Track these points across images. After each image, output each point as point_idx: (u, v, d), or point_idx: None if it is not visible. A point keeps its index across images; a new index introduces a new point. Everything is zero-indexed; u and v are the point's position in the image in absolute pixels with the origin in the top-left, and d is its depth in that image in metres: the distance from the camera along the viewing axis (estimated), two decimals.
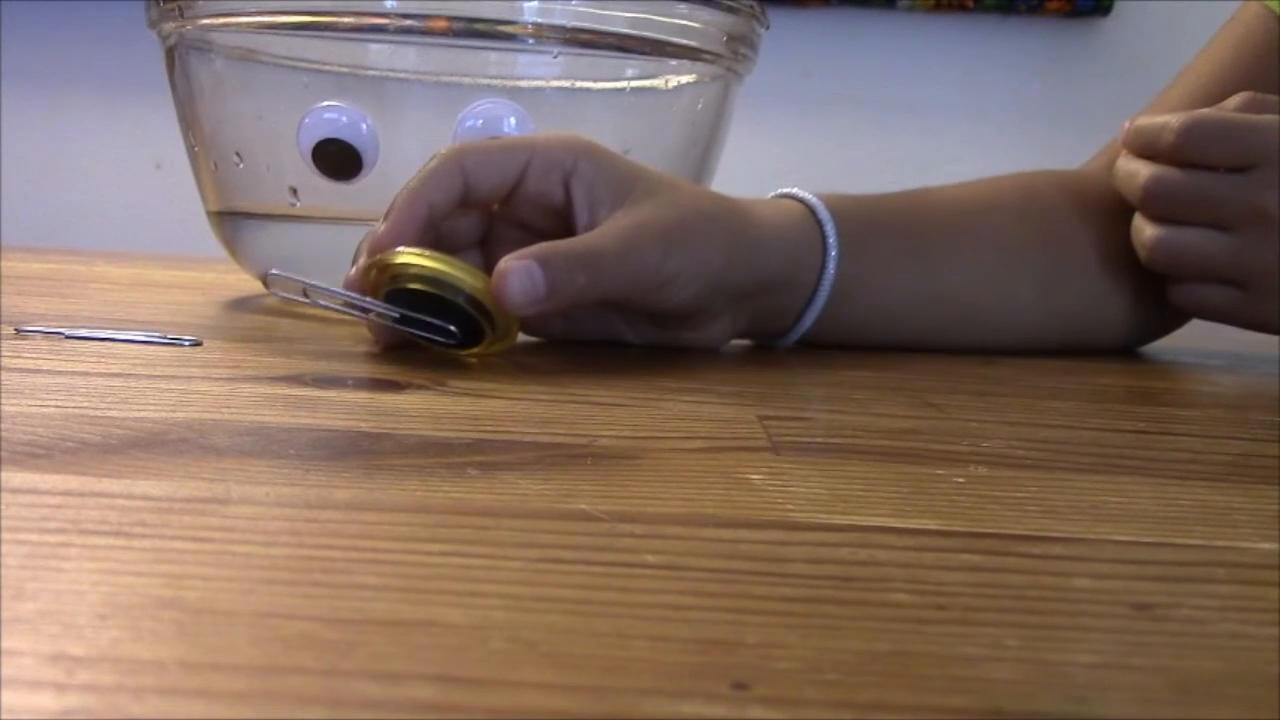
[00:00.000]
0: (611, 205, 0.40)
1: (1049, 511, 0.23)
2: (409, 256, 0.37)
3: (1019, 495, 0.24)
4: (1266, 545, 0.21)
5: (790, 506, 0.22)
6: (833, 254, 0.44)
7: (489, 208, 0.42)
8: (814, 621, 0.16)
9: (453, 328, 0.37)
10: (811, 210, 0.45)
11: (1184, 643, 0.16)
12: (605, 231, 0.39)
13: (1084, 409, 0.37)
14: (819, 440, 0.29)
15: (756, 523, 0.21)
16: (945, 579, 0.18)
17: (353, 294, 0.38)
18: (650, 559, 0.18)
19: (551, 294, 0.37)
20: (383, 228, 0.38)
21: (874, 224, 0.47)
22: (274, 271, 0.39)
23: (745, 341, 0.48)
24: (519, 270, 0.36)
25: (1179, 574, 0.19)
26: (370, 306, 0.38)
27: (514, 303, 0.36)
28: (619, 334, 0.44)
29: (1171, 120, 0.46)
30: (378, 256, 0.37)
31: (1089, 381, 0.44)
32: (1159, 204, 0.47)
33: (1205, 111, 0.47)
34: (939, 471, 0.26)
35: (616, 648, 0.14)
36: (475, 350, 0.39)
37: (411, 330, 0.37)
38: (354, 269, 0.39)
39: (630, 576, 0.17)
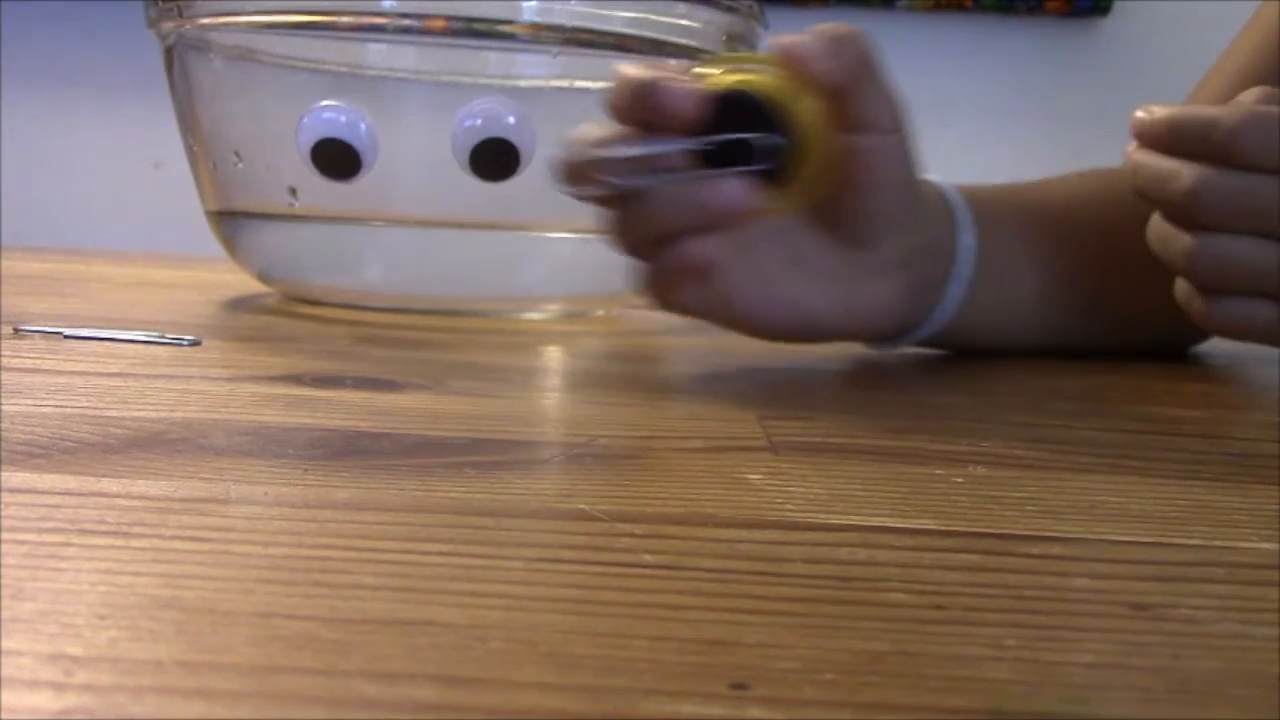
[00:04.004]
0: None
1: (1048, 511, 0.23)
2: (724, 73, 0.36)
3: (1018, 495, 0.24)
4: (1266, 545, 0.21)
5: (789, 506, 0.22)
6: (965, 218, 0.45)
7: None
8: (813, 621, 0.16)
9: (776, 140, 0.35)
10: (938, 188, 0.46)
11: (1183, 643, 0.16)
12: None
13: (1084, 409, 0.37)
14: (818, 440, 0.29)
15: (755, 523, 0.21)
16: (944, 579, 0.18)
17: (649, 143, 0.34)
18: (649, 559, 0.18)
19: (843, 47, 0.38)
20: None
21: (996, 212, 0.47)
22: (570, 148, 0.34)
23: (744, 341, 0.48)
24: (823, 30, 0.38)
25: (1178, 574, 0.19)
26: (671, 146, 0.34)
27: (807, 50, 0.37)
28: (795, 270, 0.41)
29: (1224, 116, 0.39)
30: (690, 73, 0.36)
31: (1089, 381, 0.44)
32: (1208, 210, 0.40)
33: (1263, 108, 0.40)
34: (938, 471, 0.26)
35: (615, 648, 0.14)
36: (793, 185, 0.36)
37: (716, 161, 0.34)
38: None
39: (629, 576, 0.17)
